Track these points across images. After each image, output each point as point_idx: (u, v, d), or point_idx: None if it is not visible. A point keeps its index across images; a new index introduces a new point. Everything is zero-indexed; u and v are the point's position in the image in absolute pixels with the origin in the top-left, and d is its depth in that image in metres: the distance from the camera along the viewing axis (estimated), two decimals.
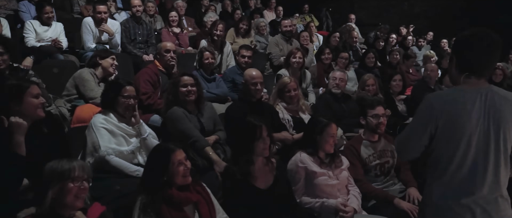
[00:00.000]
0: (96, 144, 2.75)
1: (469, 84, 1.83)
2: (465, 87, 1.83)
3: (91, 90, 3.70)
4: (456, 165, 1.81)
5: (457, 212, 1.81)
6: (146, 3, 6.56)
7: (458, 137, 1.79)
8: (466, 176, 1.81)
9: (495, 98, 1.81)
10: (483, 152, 1.80)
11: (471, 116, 1.78)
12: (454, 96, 1.81)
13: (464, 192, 1.81)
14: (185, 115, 3.15)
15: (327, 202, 2.77)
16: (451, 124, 1.78)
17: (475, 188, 1.80)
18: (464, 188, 1.81)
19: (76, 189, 1.94)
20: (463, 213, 1.80)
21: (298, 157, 2.89)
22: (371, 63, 6.29)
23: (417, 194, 3.04)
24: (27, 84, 2.45)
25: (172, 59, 4.17)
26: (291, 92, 3.87)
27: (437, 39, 9.30)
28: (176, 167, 2.20)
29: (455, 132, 1.79)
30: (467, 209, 1.80)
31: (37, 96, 2.44)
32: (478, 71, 1.83)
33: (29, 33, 4.94)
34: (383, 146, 3.28)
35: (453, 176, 1.82)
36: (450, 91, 1.86)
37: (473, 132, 1.79)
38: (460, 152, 1.79)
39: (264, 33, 6.94)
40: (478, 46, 1.81)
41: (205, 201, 2.34)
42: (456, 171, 1.81)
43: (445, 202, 1.83)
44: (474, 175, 1.80)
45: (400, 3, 11.74)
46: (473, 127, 1.78)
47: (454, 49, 1.92)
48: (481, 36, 1.81)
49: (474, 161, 1.80)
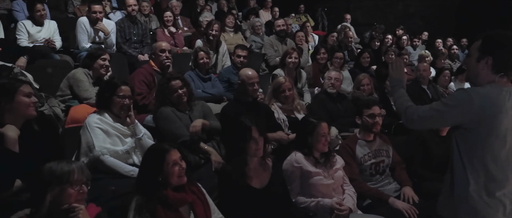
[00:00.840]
0: (91, 144, 2.74)
1: (502, 83, 1.93)
2: (501, 86, 1.91)
3: (85, 91, 3.68)
4: (492, 160, 1.90)
5: (490, 206, 1.90)
6: (141, 3, 6.54)
7: (496, 133, 1.88)
8: (501, 170, 1.91)
9: None
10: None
11: (508, 113, 1.88)
12: (493, 94, 1.88)
13: (498, 186, 1.91)
14: (174, 114, 3.16)
15: (322, 201, 2.77)
16: (491, 120, 1.87)
17: (507, 182, 1.92)
18: (498, 182, 1.91)
19: (76, 194, 1.91)
20: (496, 206, 1.91)
21: (294, 157, 2.89)
22: (366, 63, 6.31)
23: (412, 193, 3.05)
24: (19, 84, 2.43)
25: (167, 59, 4.16)
26: (286, 92, 3.88)
27: (432, 39, 9.34)
28: (171, 167, 2.20)
29: (494, 128, 1.87)
30: (499, 203, 1.91)
31: (29, 95, 2.42)
32: (510, 72, 1.95)
33: (21, 35, 4.89)
34: (378, 145, 3.29)
35: (488, 170, 1.90)
36: (488, 89, 1.91)
37: (509, 128, 1.89)
38: (497, 147, 1.89)
39: (259, 33, 6.95)
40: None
41: (201, 201, 2.33)
42: (492, 165, 1.90)
43: (479, 195, 1.91)
44: (507, 170, 1.92)
45: (395, 3, 11.78)
46: (509, 123, 1.89)
47: (489, 50, 1.94)
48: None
49: (508, 156, 1.91)
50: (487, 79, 1.94)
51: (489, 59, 1.92)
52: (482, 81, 1.96)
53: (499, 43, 1.93)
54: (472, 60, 1.99)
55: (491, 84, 1.93)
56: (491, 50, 1.93)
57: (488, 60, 1.93)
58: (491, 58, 1.92)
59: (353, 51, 7.40)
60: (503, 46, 1.92)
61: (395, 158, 3.34)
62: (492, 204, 1.91)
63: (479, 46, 1.97)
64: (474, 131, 1.90)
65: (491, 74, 1.93)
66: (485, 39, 1.97)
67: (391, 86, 2.25)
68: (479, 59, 1.95)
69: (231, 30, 6.57)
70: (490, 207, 1.91)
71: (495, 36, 1.95)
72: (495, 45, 1.94)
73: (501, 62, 1.92)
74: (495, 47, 1.93)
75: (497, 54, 1.92)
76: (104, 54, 3.87)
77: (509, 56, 1.92)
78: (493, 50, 1.93)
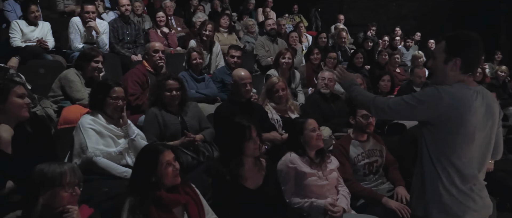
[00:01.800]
0: (84, 145, 2.72)
1: (469, 82, 1.97)
2: (465, 84, 1.95)
3: (77, 92, 3.65)
4: (460, 157, 1.94)
5: (461, 202, 1.95)
6: (134, 3, 6.51)
7: (464, 131, 1.91)
8: (469, 166, 1.96)
9: (488, 96, 2.01)
10: (484, 144, 1.99)
11: (477, 112, 1.93)
12: (462, 94, 1.92)
13: (466, 181, 1.95)
14: (156, 118, 3.19)
15: (316, 202, 2.77)
16: (458, 119, 1.90)
17: (476, 177, 1.98)
18: (466, 178, 1.95)
19: (68, 196, 1.90)
20: (467, 202, 1.95)
21: (288, 157, 2.89)
22: (359, 63, 6.34)
23: (405, 192, 3.06)
24: (13, 84, 2.42)
25: (160, 60, 4.15)
26: (280, 92, 3.88)
27: (425, 39, 9.40)
28: (165, 168, 2.18)
29: (461, 127, 1.91)
30: (469, 198, 1.96)
31: (22, 96, 2.41)
32: (475, 71, 2.02)
33: (14, 34, 4.86)
34: (372, 146, 3.30)
35: (456, 167, 1.94)
36: (457, 88, 1.94)
37: (478, 127, 1.94)
38: (465, 144, 1.93)
39: (253, 33, 6.94)
40: (479, 48, 1.96)
41: (194, 202, 2.32)
42: (460, 162, 1.94)
43: (449, 192, 1.95)
44: (476, 165, 1.98)
45: (388, 3, 11.83)
46: (478, 121, 1.93)
47: (456, 50, 1.95)
48: (478, 38, 1.95)
49: (477, 153, 1.97)
50: (456, 79, 1.97)
51: (457, 60, 1.94)
52: (450, 82, 1.97)
53: (465, 44, 1.95)
54: (439, 62, 2.00)
55: (460, 83, 1.95)
56: (458, 51, 1.95)
57: (457, 61, 1.94)
58: (459, 59, 1.94)
59: (347, 52, 7.43)
60: (469, 46, 1.95)
61: (388, 158, 3.36)
62: (462, 200, 1.95)
63: (445, 48, 1.98)
64: (441, 128, 1.93)
65: (460, 75, 1.96)
66: (449, 40, 1.98)
67: (345, 88, 2.28)
68: (447, 61, 1.97)
69: (225, 30, 6.56)
70: (460, 203, 1.95)
71: (460, 37, 1.97)
72: (462, 45, 1.96)
73: (469, 62, 1.95)
74: (462, 47, 1.95)
75: (464, 54, 1.94)
76: (98, 56, 3.81)
77: (475, 55, 1.96)
78: (460, 50, 1.95)
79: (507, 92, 6.69)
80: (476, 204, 1.96)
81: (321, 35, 7.22)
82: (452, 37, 1.98)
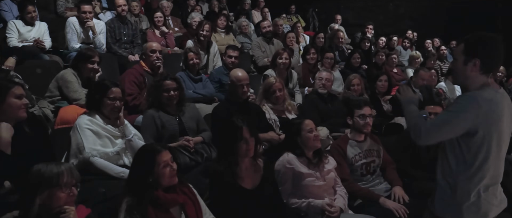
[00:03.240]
0: (81, 145, 2.72)
1: (492, 84, 1.99)
2: (493, 88, 1.98)
3: (74, 92, 3.65)
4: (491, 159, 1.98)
5: (488, 201, 2.01)
6: (131, 3, 6.50)
7: (497, 135, 1.97)
8: (498, 167, 2.03)
9: (507, 97, 2.04)
10: (506, 146, 2.05)
11: (505, 115, 1.98)
12: (493, 97, 1.95)
13: (493, 182, 2.02)
14: (154, 120, 3.19)
15: (313, 202, 2.78)
16: (495, 123, 1.95)
17: (499, 177, 2.06)
18: (493, 178, 2.02)
19: (66, 197, 1.89)
20: (492, 200, 2.03)
21: (286, 158, 2.89)
22: (356, 64, 6.34)
23: (402, 192, 3.07)
24: (11, 85, 2.40)
25: (158, 60, 4.14)
26: (277, 93, 3.88)
27: (422, 39, 9.42)
28: (162, 168, 2.17)
29: (496, 130, 1.96)
30: (493, 196, 2.03)
31: (20, 97, 2.40)
32: (496, 71, 2.07)
33: (11, 33, 4.84)
34: (369, 146, 3.30)
35: (487, 169, 1.98)
36: (489, 92, 1.96)
37: (505, 130, 2.00)
38: (496, 146, 1.98)
39: (247, 34, 6.95)
40: (498, 48, 1.97)
41: (192, 202, 2.32)
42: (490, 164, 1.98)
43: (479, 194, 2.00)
44: (500, 167, 2.05)
45: (385, 4, 11.86)
46: (505, 124, 1.99)
47: (475, 51, 1.96)
48: (496, 38, 1.97)
49: (503, 154, 2.04)
50: (477, 80, 1.98)
51: (476, 61, 1.95)
52: (472, 83, 1.99)
53: (483, 44, 1.96)
54: (459, 64, 2.01)
55: (489, 88, 1.97)
56: (477, 51, 1.96)
57: (476, 62, 1.96)
58: (478, 60, 1.95)
59: (344, 52, 7.44)
60: (487, 46, 1.96)
61: (386, 158, 3.36)
62: (489, 199, 2.02)
63: (463, 50, 1.99)
64: (477, 134, 1.93)
65: (480, 76, 1.97)
66: (468, 42, 1.99)
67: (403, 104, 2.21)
68: (466, 62, 1.98)
69: (223, 31, 6.56)
70: (488, 202, 2.02)
71: (477, 38, 1.98)
72: (479, 46, 1.97)
73: (488, 62, 1.96)
74: (480, 48, 1.96)
75: (483, 55, 1.95)
76: (94, 57, 3.80)
77: (494, 54, 1.97)
78: (479, 51, 1.96)
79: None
80: (497, 200, 2.06)
81: (319, 35, 7.24)
82: (470, 38, 1.99)
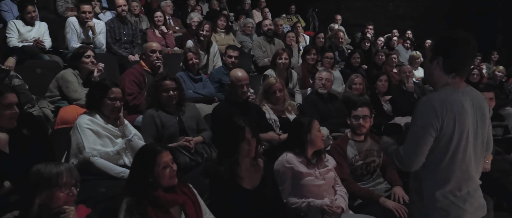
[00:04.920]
0: (81, 145, 2.72)
1: (455, 84, 1.94)
2: (454, 88, 1.94)
3: (74, 92, 3.65)
4: (457, 161, 1.93)
5: (459, 206, 1.95)
6: (131, 3, 6.50)
7: (459, 136, 1.90)
8: (465, 170, 1.95)
9: (477, 97, 1.99)
10: (474, 146, 1.97)
11: (468, 114, 1.92)
12: (451, 97, 1.90)
13: (463, 185, 1.95)
14: (153, 120, 3.19)
15: (313, 202, 2.78)
16: (453, 123, 1.89)
17: (473, 180, 1.99)
18: (463, 182, 1.95)
19: (65, 197, 1.89)
20: (464, 205, 1.96)
21: (285, 158, 2.89)
22: (356, 63, 6.34)
23: (402, 192, 3.06)
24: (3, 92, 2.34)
25: (158, 60, 4.14)
26: (277, 93, 3.88)
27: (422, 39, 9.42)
28: (162, 169, 2.17)
29: (456, 131, 1.90)
30: (466, 201, 1.96)
31: (10, 106, 2.34)
32: (462, 72, 1.96)
33: (11, 33, 4.84)
34: (369, 146, 3.30)
35: (454, 171, 1.94)
36: (445, 92, 1.93)
37: (469, 129, 1.93)
38: (461, 148, 1.92)
39: (249, 34, 6.95)
40: (466, 49, 1.92)
41: (192, 202, 2.32)
42: (456, 167, 1.93)
43: (447, 198, 1.95)
44: (470, 169, 1.97)
45: (385, 4, 11.85)
46: (469, 124, 1.93)
47: (440, 50, 1.95)
48: (468, 39, 1.92)
49: (470, 155, 1.95)
50: (441, 79, 1.96)
51: (439, 60, 1.94)
52: (437, 81, 1.99)
53: (451, 44, 1.93)
54: (427, 60, 2.02)
55: (446, 87, 1.94)
56: (442, 50, 1.95)
57: (439, 60, 1.94)
58: (441, 59, 1.93)
59: (344, 52, 7.44)
60: (454, 47, 1.92)
61: (386, 158, 3.36)
62: (460, 204, 1.95)
63: (432, 47, 2.00)
64: (439, 135, 1.90)
65: (443, 75, 1.95)
66: (438, 40, 1.99)
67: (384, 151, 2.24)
68: (432, 60, 1.98)
69: (223, 31, 6.56)
70: (459, 207, 1.95)
71: (447, 37, 1.96)
72: (447, 45, 1.95)
73: (452, 62, 1.92)
74: (446, 47, 1.94)
75: (447, 54, 1.93)
76: (87, 51, 3.86)
77: (460, 56, 1.93)
78: (444, 50, 1.94)
79: (504, 92, 6.71)
80: (472, 206, 1.97)
81: (319, 35, 7.24)
82: (442, 36, 1.98)
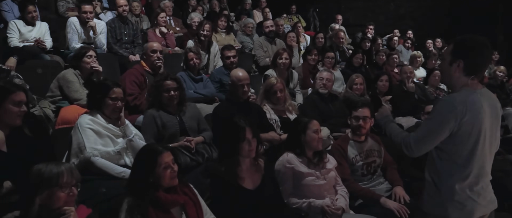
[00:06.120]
0: (82, 145, 2.72)
1: (474, 85, 2.07)
2: (473, 89, 2.05)
3: (75, 92, 3.65)
4: (474, 157, 2.05)
5: (474, 199, 2.08)
6: (131, 3, 6.51)
7: (477, 133, 2.03)
8: (481, 166, 2.08)
9: (492, 97, 2.13)
10: (490, 144, 2.10)
11: (485, 114, 2.04)
12: (471, 98, 2.02)
13: (478, 180, 2.09)
14: (154, 120, 3.19)
15: (314, 202, 2.77)
16: (473, 121, 2.01)
17: (485, 176, 2.12)
18: (478, 177, 2.09)
19: (66, 197, 1.89)
20: (478, 198, 2.09)
21: (286, 158, 2.89)
22: (357, 63, 6.33)
23: (403, 193, 3.06)
24: (13, 89, 2.36)
25: (158, 60, 4.14)
26: (278, 93, 3.88)
27: (423, 39, 9.42)
28: (163, 170, 2.17)
29: (475, 129, 2.02)
30: (480, 195, 2.09)
31: (19, 104, 2.35)
32: (480, 74, 2.12)
33: (12, 33, 4.85)
34: (370, 146, 3.30)
35: (472, 167, 2.06)
36: (465, 93, 2.04)
37: (487, 128, 2.06)
38: (479, 145, 2.05)
39: (250, 34, 6.95)
40: (486, 52, 2.07)
41: (192, 202, 2.31)
42: (473, 162, 2.06)
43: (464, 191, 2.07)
44: (486, 164, 2.11)
45: (386, 4, 11.86)
46: (487, 123, 2.05)
47: (460, 53, 2.05)
48: (486, 43, 2.05)
49: (486, 152, 2.09)
50: (460, 81, 2.08)
51: (460, 63, 2.05)
52: (455, 83, 2.10)
53: (470, 47, 2.05)
54: (445, 63, 2.12)
55: (466, 88, 2.06)
56: (462, 54, 2.05)
57: (460, 63, 2.05)
58: (462, 62, 2.04)
59: (345, 52, 7.43)
60: (473, 50, 2.04)
61: (387, 158, 3.36)
62: (475, 197, 2.08)
63: (451, 50, 2.09)
64: (457, 134, 2.02)
65: (463, 77, 2.07)
66: (457, 44, 2.09)
67: (381, 124, 2.37)
68: (452, 63, 2.08)
69: (223, 31, 6.56)
70: (474, 201, 2.08)
71: (466, 41, 2.08)
72: (466, 49, 2.06)
73: (472, 65, 2.04)
74: (466, 51, 2.06)
75: (467, 58, 2.04)
76: (89, 51, 3.87)
77: (479, 59, 2.06)
78: (464, 54, 2.05)
79: (505, 92, 6.71)
80: (485, 200, 2.12)
81: (319, 35, 7.24)
82: (460, 40, 2.08)
